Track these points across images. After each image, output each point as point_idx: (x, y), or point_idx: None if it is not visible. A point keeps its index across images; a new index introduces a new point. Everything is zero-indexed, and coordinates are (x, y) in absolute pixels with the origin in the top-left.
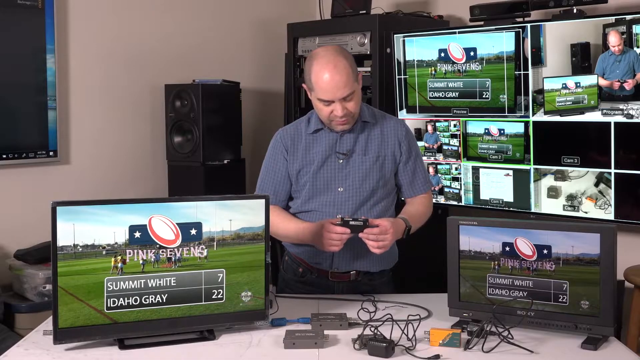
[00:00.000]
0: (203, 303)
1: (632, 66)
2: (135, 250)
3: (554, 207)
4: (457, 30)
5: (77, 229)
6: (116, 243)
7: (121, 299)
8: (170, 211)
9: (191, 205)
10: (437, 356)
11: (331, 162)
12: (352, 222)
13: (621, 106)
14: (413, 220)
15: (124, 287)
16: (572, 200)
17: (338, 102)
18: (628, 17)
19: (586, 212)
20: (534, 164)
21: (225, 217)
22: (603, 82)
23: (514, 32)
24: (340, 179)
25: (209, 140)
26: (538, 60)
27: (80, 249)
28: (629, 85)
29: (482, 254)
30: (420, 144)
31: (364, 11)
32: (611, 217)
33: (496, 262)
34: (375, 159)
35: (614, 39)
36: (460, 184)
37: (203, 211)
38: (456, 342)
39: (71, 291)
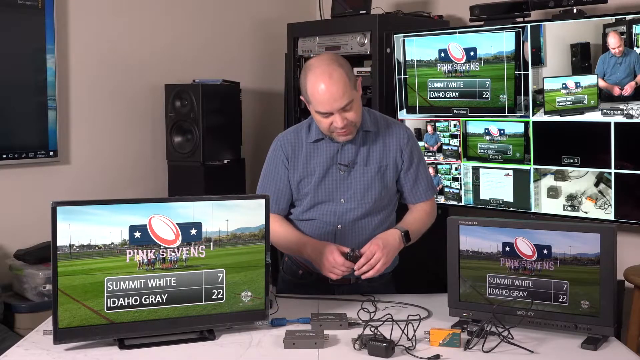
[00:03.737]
0: (203, 303)
1: (632, 68)
2: (135, 250)
3: (554, 207)
4: (457, 30)
5: (76, 229)
6: (112, 243)
7: (121, 299)
8: (170, 211)
9: (191, 205)
10: (437, 356)
11: (332, 173)
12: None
13: (621, 106)
14: (411, 226)
15: (124, 287)
16: (572, 200)
17: (337, 113)
18: (628, 17)
19: (586, 212)
20: (534, 164)
21: (222, 217)
22: (603, 84)
23: (513, 32)
24: (342, 190)
25: (209, 140)
26: (538, 60)
27: (81, 250)
28: (627, 92)
29: (482, 254)
30: (420, 144)
31: (364, 11)
32: (611, 217)
33: (505, 262)
34: (377, 169)
35: (613, 41)
36: (460, 184)
37: (202, 211)
38: (456, 342)
39: (67, 292)
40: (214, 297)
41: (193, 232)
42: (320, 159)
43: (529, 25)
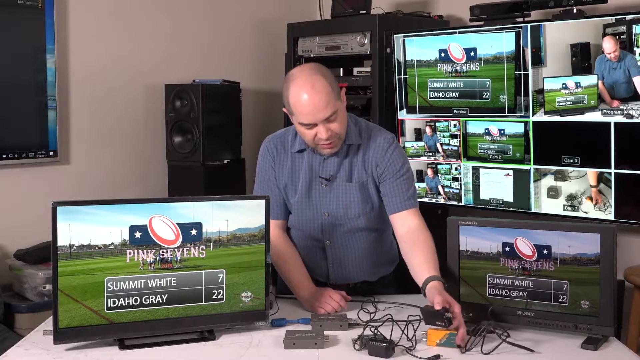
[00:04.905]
0: (203, 303)
1: (627, 73)
2: (136, 251)
3: (554, 207)
4: (457, 30)
5: (77, 229)
6: (113, 243)
7: (121, 299)
8: (170, 211)
9: (191, 206)
10: (437, 356)
11: (315, 186)
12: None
13: (621, 106)
14: (436, 266)
15: (124, 287)
16: (572, 200)
17: (321, 125)
18: (628, 17)
19: (586, 212)
20: (534, 164)
21: (223, 217)
22: (601, 87)
23: (514, 32)
24: (324, 204)
25: (209, 140)
26: (538, 60)
27: (80, 250)
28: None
29: (482, 254)
30: (419, 144)
31: (364, 11)
32: (611, 217)
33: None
34: (360, 185)
35: (608, 46)
36: (460, 184)
37: (202, 211)
38: (453, 342)
39: (67, 292)
40: (214, 297)
41: (193, 232)
42: (303, 169)
43: (529, 25)
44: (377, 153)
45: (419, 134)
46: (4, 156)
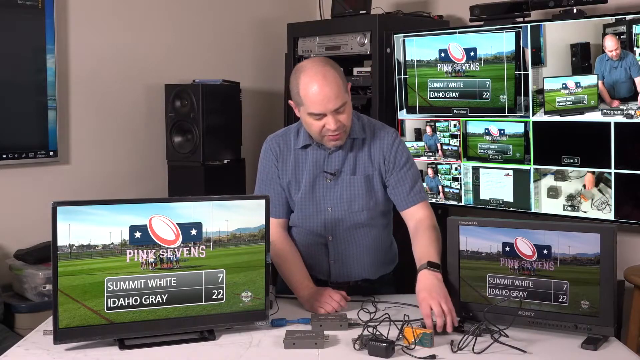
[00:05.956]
0: (203, 303)
1: (628, 72)
2: (136, 251)
3: (554, 207)
4: (457, 31)
5: (76, 229)
6: (112, 243)
7: (121, 299)
8: (170, 211)
9: (191, 206)
10: (433, 356)
11: (319, 181)
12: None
13: (621, 106)
14: (428, 253)
15: (124, 287)
16: (572, 200)
17: (330, 115)
18: (628, 17)
19: (585, 212)
20: (534, 164)
21: (222, 217)
22: (601, 87)
23: (514, 32)
24: (328, 199)
25: (209, 140)
26: (538, 60)
27: (80, 250)
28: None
29: (482, 254)
30: (419, 144)
31: (364, 11)
32: (611, 217)
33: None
34: (364, 179)
35: (610, 44)
36: (460, 184)
37: (202, 211)
38: (426, 342)
39: (67, 292)
40: (214, 297)
41: (193, 232)
42: (307, 166)
43: (529, 25)
44: (384, 146)
45: (419, 134)
46: (4, 156)
